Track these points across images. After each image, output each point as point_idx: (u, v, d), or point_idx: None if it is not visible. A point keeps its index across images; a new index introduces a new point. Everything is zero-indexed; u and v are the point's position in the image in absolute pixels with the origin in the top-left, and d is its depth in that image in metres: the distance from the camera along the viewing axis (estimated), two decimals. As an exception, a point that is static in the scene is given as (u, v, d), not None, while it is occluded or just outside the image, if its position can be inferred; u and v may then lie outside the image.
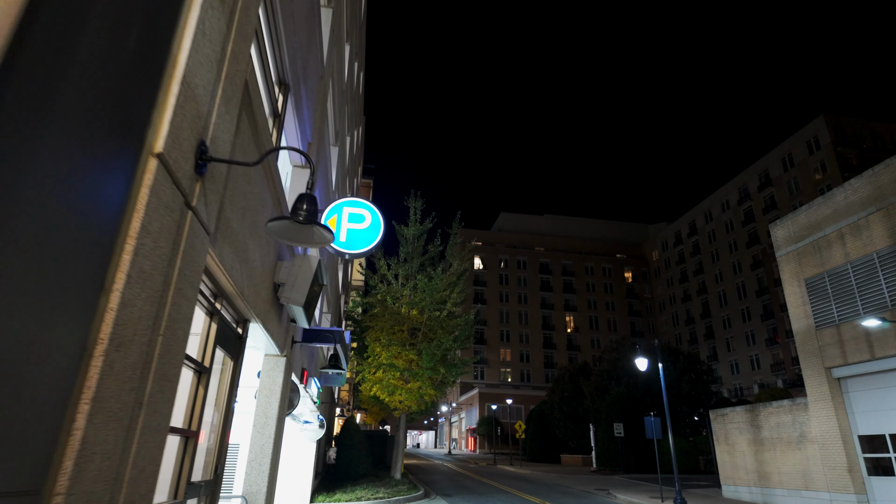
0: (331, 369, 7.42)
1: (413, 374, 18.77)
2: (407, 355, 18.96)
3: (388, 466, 25.55)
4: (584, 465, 39.85)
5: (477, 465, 40.29)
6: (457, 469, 34.29)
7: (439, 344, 18.52)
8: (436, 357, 18.36)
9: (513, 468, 35.94)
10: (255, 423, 6.62)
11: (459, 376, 20.40)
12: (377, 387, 19.20)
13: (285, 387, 7.10)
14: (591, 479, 27.11)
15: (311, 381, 10.59)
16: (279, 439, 7.04)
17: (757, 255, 62.93)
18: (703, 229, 74.53)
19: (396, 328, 19.47)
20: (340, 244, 8.07)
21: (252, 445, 6.57)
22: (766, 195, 62.81)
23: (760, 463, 18.52)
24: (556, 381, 46.30)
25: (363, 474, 19.56)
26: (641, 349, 18.86)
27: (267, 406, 6.69)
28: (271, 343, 6.04)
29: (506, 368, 77.13)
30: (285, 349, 6.95)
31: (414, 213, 20.66)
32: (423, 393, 19.06)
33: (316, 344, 9.01)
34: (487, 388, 70.94)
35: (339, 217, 8.27)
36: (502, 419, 59.99)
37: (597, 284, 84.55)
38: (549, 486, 23.04)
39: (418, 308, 19.63)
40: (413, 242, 20.71)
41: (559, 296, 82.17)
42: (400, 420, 20.57)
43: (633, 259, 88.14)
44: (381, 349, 18.96)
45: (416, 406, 19.64)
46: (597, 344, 79.95)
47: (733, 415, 20.19)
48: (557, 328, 79.98)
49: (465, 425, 76.64)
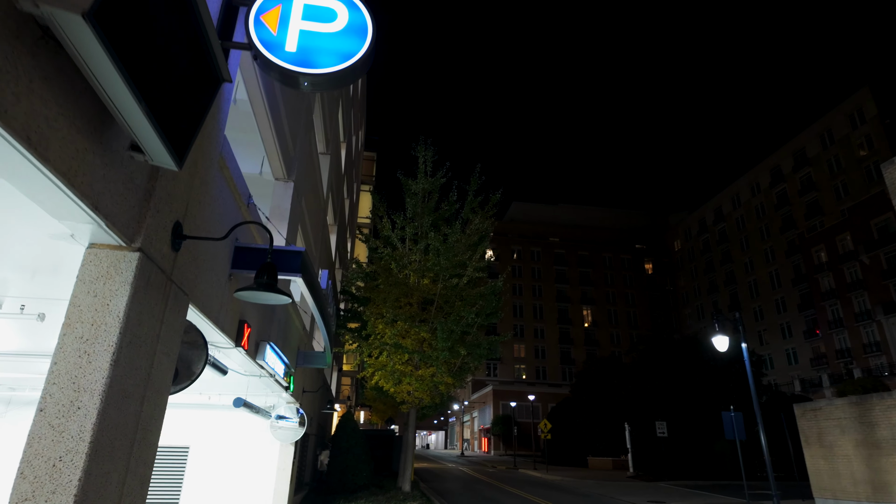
0: (261, 290, 3.42)
1: (425, 358, 14.70)
2: (417, 334, 14.90)
3: (394, 473, 21.46)
4: (615, 468, 35.56)
5: (495, 468, 36.15)
6: (474, 474, 30.18)
7: (458, 318, 14.43)
8: (454, 335, 14.28)
9: (537, 473, 31.76)
10: (46, 401, 2.61)
11: (483, 360, 16.27)
12: (380, 374, 15.16)
13: (149, 324, 3.14)
14: (634, 487, 22.91)
15: (267, 348, 6.58)
16: (129, 432, 3.02)
17: (793, 241, 58.21)
18: (730, 216, 69.83)
19: (403, 300, 15.42)
20: (286, 56, 3.92)
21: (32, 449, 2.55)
22: (803, 176, 58.13)
23: (876, 471, 14.24)
24: (581, 377, 42.06)
25: (362, 484, 15.52)
26: (720, 325, 14.65)
27: (80, 365, 2.69)
28: (77, 206, 2.15)
29: (520, 365, 72.90)
30: (141, 233, 2.98)
31: (423, 164, 16.56)
32: (437, 381, 14.98)
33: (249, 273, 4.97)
34: (501, 385, 66.74)
35: (285, 9, 4.12)
36: (518, 418, 55.74)
37: (615, 276, 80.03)
38: (590, 497, 18.90)
39: (431, 275, 15.56)
40: (423, 200, 16.63)
41: (576, 288, 77.78)
42: (409, 416, 16.48)
43: (654, 250, 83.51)
44: (383, 326, 14.93)
45: (428, 398, 15.55)
46: (616, 339, 75.50)
47: (831, 409, 15.91)
48: (575, 322, 75.61)
49: (478, 425, 72.48)
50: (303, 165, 9.07)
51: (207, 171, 4.04)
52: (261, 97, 6.36)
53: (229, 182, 4.67)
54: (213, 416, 10.91)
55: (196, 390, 9.75)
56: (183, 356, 3.87)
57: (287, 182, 8.08)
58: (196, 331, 4.00)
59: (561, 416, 41.12)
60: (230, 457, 10.83)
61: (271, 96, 6.75)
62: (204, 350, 3.95)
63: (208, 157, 4.03)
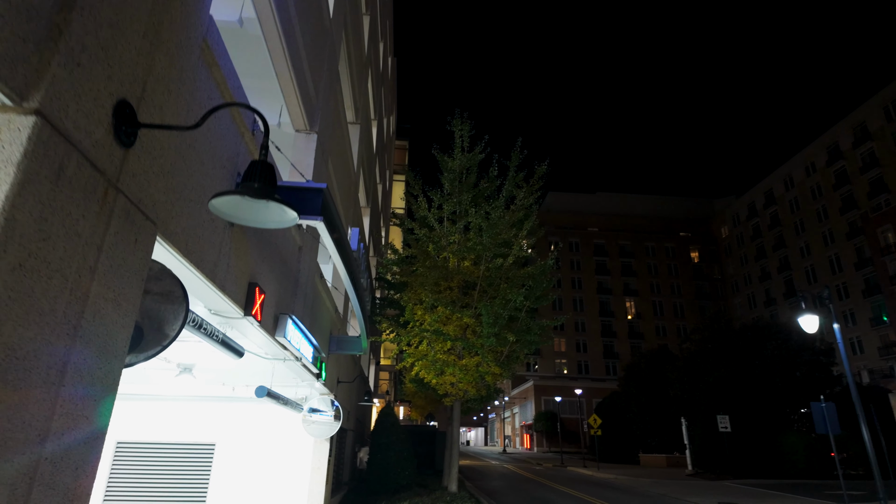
0: (249, 196, 2.37)
1: (469, 346, 13.39)
2: (459, 319, 13.62)
3: (436, 472, 20.28)
4: (669, 465, 33.49)
5: (541, 466, 34.59)
6: (520, 472, 28.74)
7: (504, 301, 13.06)
8: (500, 319, 12.90)
9: (587, 471, 30.06)
10: None
11: (534, 347, 14.84)
12: (420, 364, 13.93)
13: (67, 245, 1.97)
14: (697, 487, 21.04)
15: (288, 322, 5.41)
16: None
17: (854, 222, 54.22)
18: (782, 198, 65.81)
19: (443, 284, 14.15)
20: None
21: None
22: (864, 151, 54.01)
23: None
24: (629, 370, 39.96)
25: (405, 484, 14.37)
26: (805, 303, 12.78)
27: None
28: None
29: (560, 359, 70.80)
30: (41, 87, 1.81)
31: (460, 139, 15.20)
32: (483, 371, 13.65)
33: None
34: (541, 380, 64.89)
35: None
36: (562, 414, 53.85)
37: (659, 266, 76.79)
38: (651, 498, 17.24)
39: (472, 256, 14.22)
40: (460, 177, 15.29)
41: (618, 279, 75.00)
42: (452, 410, 15.20)
43: (699, 237, 79.75)
44: (423, 313, 13.70)
45: (473, 390, 14.23)
46: (662, 331, 72.45)
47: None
48: (617, 315, 72.92)
49: (519, 421, 70.84)
50: (328, 122, 7.89)
51: (179, 52, 2.84)
52: (272, 15, 5.18)
53: (220, 85, 3.47)
54: (239, 409, 9.92)
55: (218, 380, 8.74)
56: (150, 311, 2.69)
57: (309, 134, 6.91)
58: (172, 279, 2.81)
59: (609, 411, 39.14)
60: (260, 454, 9.81)
61: (285, 20, 5.57)
62: (182, 305, 2.76)
63: (179, 31, 2.82)
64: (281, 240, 5.56)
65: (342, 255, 4.79)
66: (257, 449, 9.79)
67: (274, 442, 9.87)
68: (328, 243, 4.46)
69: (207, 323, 4.52)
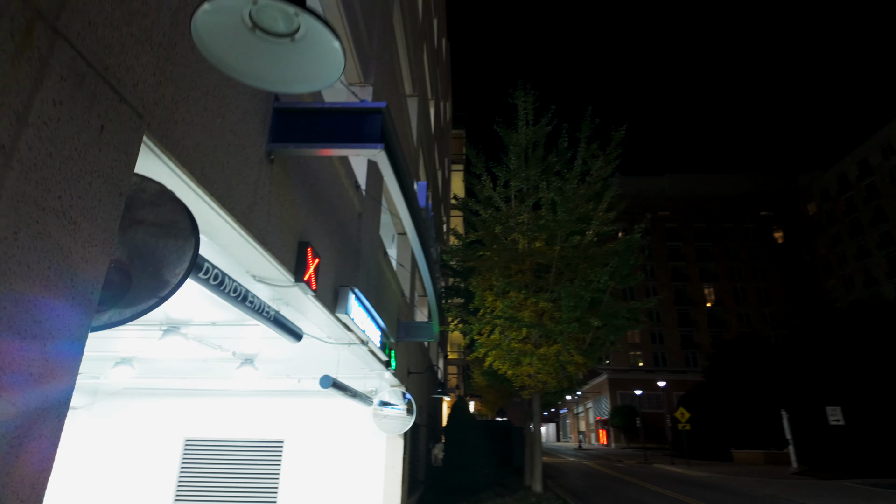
0: None
1: (547, 333, 12.19)
2: (535, 304, 12.45)
3: (514, 470, 19.15)
4: (767, 462, 30.57)
5: (624, 463, 32.62)
6: (602, 469, 27.07)
7: (586, 282, 11.74)
8: (582, 302, 11.59)
9: (676, 468, 27.90)
10: None
11: (623, 332, 13.35)
12: (494, 354, 12.88)
13: None
14: (809, 487, 18.69)
15: (350, 296, 4.54)
16: None
17: (974, 187, 47.76)
18: (880, 167, 59.13)
19: (514, 267, 13.03)
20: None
21: None
22: (983, 106, 47.36)
23: None
24: (714, 360, 37.04)
25: (485, 483, 13.38)
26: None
27: None
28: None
29: (635, 352, 67.39)
30: None
31: (524, 112, 13.98)
32: (564, 361, 12.37)
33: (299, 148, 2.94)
34: (615, 373, 62.08)
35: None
36: (640, 408, 51.07)
37: (739, 249, 71.43)
38: (759, 500, 15.30)
39: (545, 236, 12.98)
40: (527, 152, 14.07)
41: (693, 265, 70.49)
42: (532, 404, 14.01)
43: (783, 216, 73.47)
44: (493, 298, 12.65)
45: (554, 381, 12.99)
46: (746, 318, 67.31)
47: None
48: (695, 302, 68.53)
49: (594, 416, 68.23)
50: (384, 81, 7.01)
51: None
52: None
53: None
54: (306, 405, 9.28)
55: (282, 373, 8.10)
56: (144, 247, 1.82)
57: (364, 87, 6.04)
58: (176, 205, 1.93)
59: (694, 404, 36.37)
60: (330, 452, 9.13)
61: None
62: (190, 242, 1.88)
63: None
64: (337, 199, 4.69)
65: (408, 203, 3.84)
66: (327, 446, 9.12)
67: (344, 438, 9.16)
68: (391, 183, 3.50)
69: (253, 295, 3.70)
